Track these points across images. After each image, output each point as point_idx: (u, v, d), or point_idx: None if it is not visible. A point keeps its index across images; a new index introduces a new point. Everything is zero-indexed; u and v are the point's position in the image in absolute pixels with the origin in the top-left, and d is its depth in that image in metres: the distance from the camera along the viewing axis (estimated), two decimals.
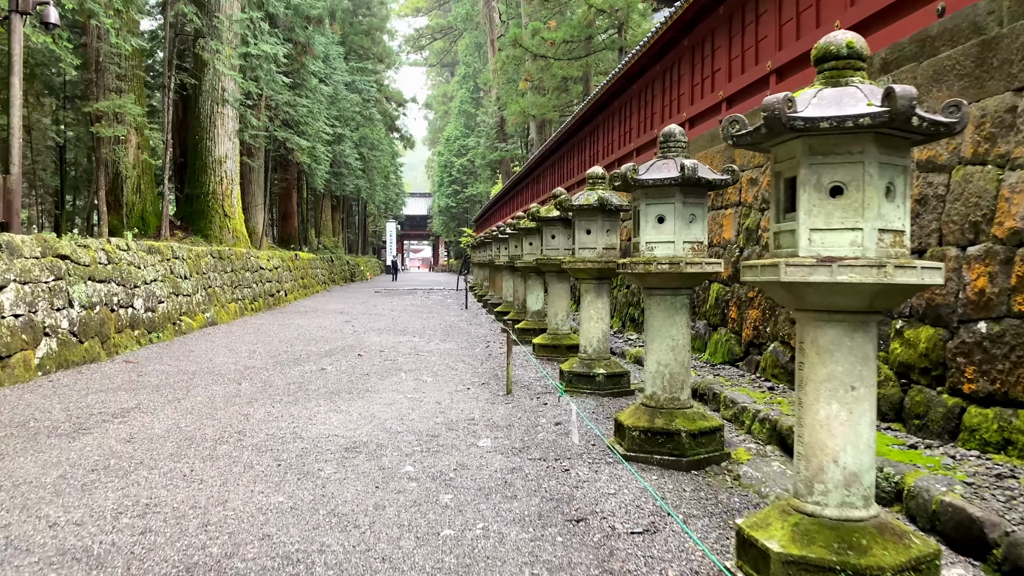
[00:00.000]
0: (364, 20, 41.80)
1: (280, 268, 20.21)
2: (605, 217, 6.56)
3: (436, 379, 7.79)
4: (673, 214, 4.39)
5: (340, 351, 10.23)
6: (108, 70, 14.59)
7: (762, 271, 2.64)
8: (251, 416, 6.02)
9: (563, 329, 8.89)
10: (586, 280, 6.67)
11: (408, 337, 12.00)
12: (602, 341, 6.69)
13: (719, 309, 8.03)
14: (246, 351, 10.23)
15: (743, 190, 7.96)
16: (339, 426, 5.63)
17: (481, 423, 5.69)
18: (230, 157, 18.49)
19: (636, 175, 4.37)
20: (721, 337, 7.87)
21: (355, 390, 7.17)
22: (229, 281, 15.36)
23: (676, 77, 12.51)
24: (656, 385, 4.55)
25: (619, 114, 16.59)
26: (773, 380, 6.51)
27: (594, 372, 6.56)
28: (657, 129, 13.15)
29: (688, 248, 4.41)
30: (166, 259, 11.95)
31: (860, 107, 2.42)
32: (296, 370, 8.56)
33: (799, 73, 7.93)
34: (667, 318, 4.49)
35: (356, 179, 33.57)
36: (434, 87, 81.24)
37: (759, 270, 2.66)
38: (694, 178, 4.24)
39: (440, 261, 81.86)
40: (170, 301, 11.65)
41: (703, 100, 11.01)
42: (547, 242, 8.67)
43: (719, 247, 8.46)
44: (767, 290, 2.82)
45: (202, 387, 7.49)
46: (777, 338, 6.59)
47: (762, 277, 2.64)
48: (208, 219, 18.18)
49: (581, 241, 6.62)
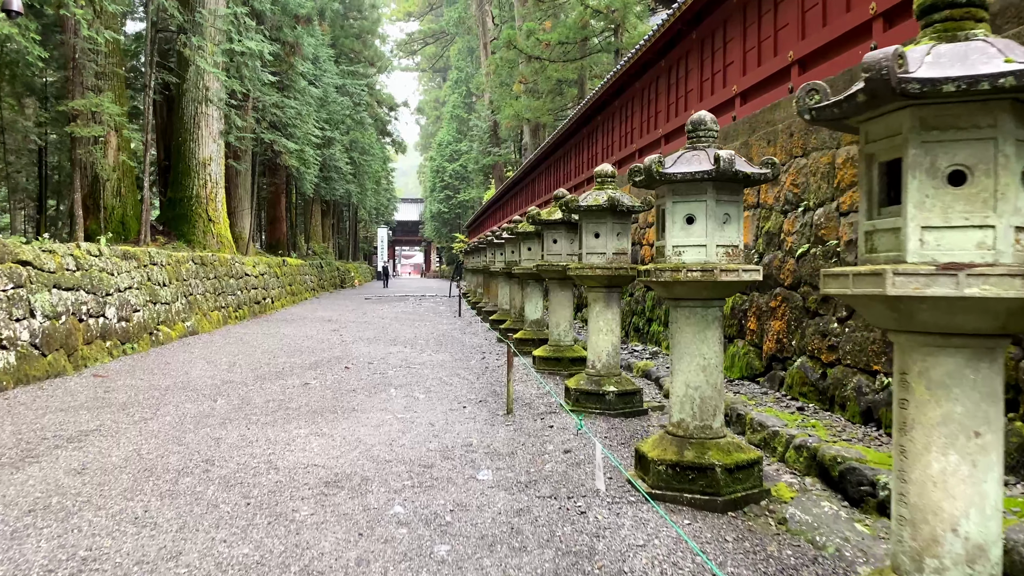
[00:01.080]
0: (355, 23, 41.27)
1: (267, 274, 19.54)
2: (616, 219, 5.96)
3: (429, 396, 7.17)
4: (704, 213, 3.78)
5: (326, 363, 9.59)
6: (85, 67, 13.91)
7: (856, 281, 2.06)
8: (223, 440, 5.38)
9: (566, 340, 8.27)
10: (595, 288, 6.07)
11: (399, 348, 11.36)
12: (612, 355, 6.09)
13: (735, 319, 7.44)
14: (226, 363, 9.58)
15: (762, 191, 7.38)
16: (320, 453, 5.00)
17: (480, 450, 5.06)
18: (215, 160, 17.82)
19: (662, 168, 3.77)
20: (738, 350, 7.27)
21: (340, 409, 6.54)
22: (212, 288, 14.69)
23: (684, 72, 11.96)
24: (685, 411, 3.94)
25: (620, 114, 16.02)
26: (801, 399, 5.91)
27: (604, 390, 5.95)
28: (662, 129, 12.59)
29: (722, 253, 3.81)
30: (143, 265, 11.28)
31: (995, 65, 1.86)
32: (277, 385, 7.92)
33: (822, 64, 7.39)
34: (697, 333, 3.89)
35: (346, 184, 32.89)
36: (426, 92, 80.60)
37: (852, 280, 2.08)
38: (730, 172, 3.64)
39: (432, 267, 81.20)
40: (146, 310, 10.98)
41: (713, 96, 10.44)
42: (548, 247, 8.07)
43: None
44: (859, 306, 2.24)
45: (173, 405, 6.85)
46: (805, 352, 6.00)
47: (856, 289, 2.07)
48: (192, 224, 17.50)
49: (589, 245, 6.02)
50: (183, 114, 17.40)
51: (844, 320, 5.47)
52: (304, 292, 25.19)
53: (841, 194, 5.82)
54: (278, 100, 20.19)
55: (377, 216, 57.01)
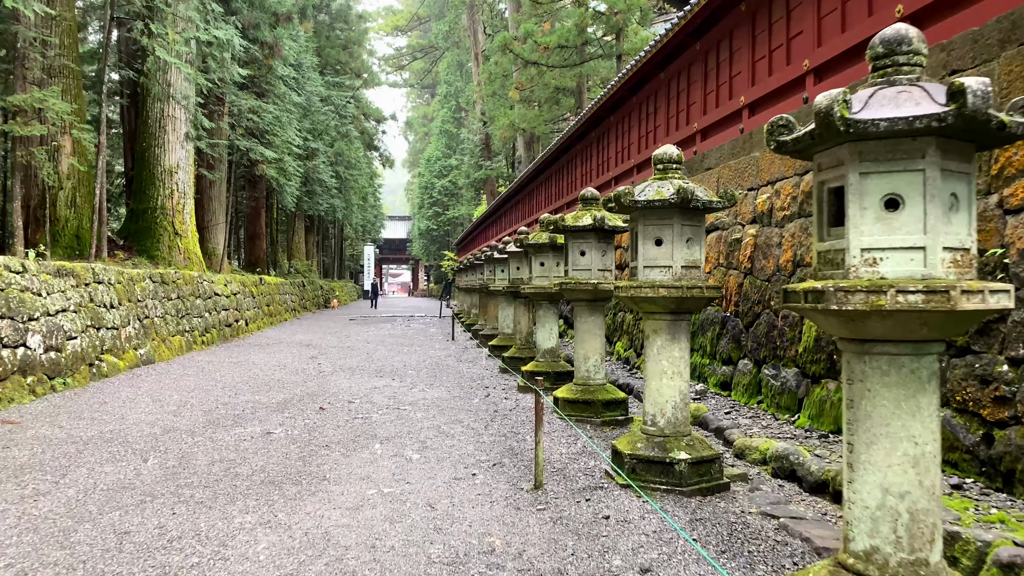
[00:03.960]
0: (341, 34, 39.95)
1: (240, 294, 17.77)
2: (686, 219, 4.33)
3: (425, 455, 5.47)
4: (927, 189, 2.16)
5: (297, 402, 7.89)
6: (29, 58, 12.22)
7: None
8: (129, 537, 3.69)
9: (596, 378, 6.59)
10: (655, 315, 4.42)
11: (386, 380, 9.66)
12: (680, 407, 4.43)
13: (822, 353, 5.81)
14: (175, 402, 7.87)
15: None
16: (268, 565, 3.32)
17: (508, 561, 3.38)
18: (183, 167, 16.12)
19: (847, 109, 2.15)
20: (830, 393, 5.63)
21: (306, 477, 4.85)
22: (174, 310, 12.93)
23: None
24: (880, 534, 2.28)
25: (625, 122, 14.49)
26: (949, 469, 4.26)
27: (672, 457, 4.27)
28: (697, 124, 11.04)
29: (948, 261, 2.19)
30: (82, 284, 9.55)
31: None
32: (232, 435, 6.22)
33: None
34: (904, 400, 2.25)
35: (331, 198, 31.17)
36: (414, 109, 79.14)
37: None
38: None
39: (420, 286, 79.42)
40: (86, 337, 9.24)
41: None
42: (574, 260, 6.42)
43: None
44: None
45: (88, 467, 5.16)
46: (948, 403, 4.37)
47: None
48: (155, 237, 15.74)
49: (648, 256, 4.38)
50: (147, 116, 15.71)
51: (1021, 361, 3.85)
52: (284, 313, 23.41)
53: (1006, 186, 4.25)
54: (255, 105, 18.54)
55: (364, 233, 55.22)
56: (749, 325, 7.01)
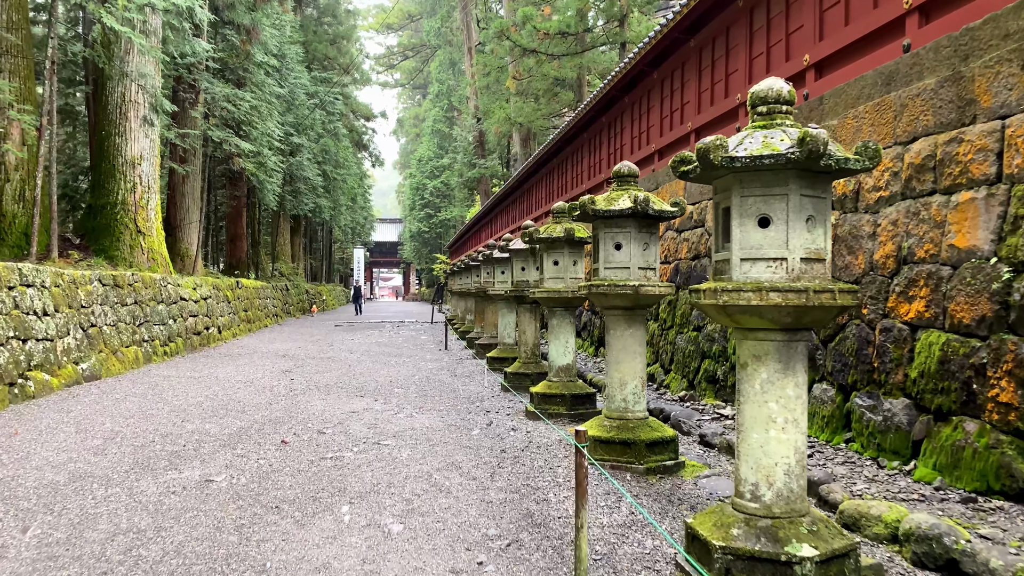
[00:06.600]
0: (329, 28, 38.53)
1: (212, 298, 16.17)
2: (806, 189, 2.82)
3: (411, 527, 3.93)
4: None
5: (254, 433, 6.36)
6: None
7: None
8: None
9: (636, 409, 5.03)
10: (759, 333, 2.87)
11: (367, 402, 8.12)
12: (797, 474, 2.89)
13: (952, 382, 4.30)
14: (104, 433, 6.33)
15: None
16: None
17: None
18: (147, 158, 14.52)
19: None
20: None
21: (240, 566, 3.32)
22: (129, 317, 11.36)
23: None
24: None
25: (631, 112, 13.00)
26: None
27: (790, 554, 2.72)
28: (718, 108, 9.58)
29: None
30: (4, 287, 7.98)
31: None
32: (158, 484, 4.70)
33: None
34: None
35: (317, 197, 29.57)
36: (405, 110, 77.46)
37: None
38: None
39: (411, 289, 77.76)
40: (6, 351, 7.68)
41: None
42: (608, 255, 4.89)
43: None
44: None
45: None
46: None
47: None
48: (115, 236, 14.12)
49: (748, 243, 2.85)
50: (107, 101, 14.11)
51: None
52: (263, 319, 21.80)
53: None
54: (230, 93, 16.98)
55: (353, 235, 53.53)
56: (829, 339, 5.50)
